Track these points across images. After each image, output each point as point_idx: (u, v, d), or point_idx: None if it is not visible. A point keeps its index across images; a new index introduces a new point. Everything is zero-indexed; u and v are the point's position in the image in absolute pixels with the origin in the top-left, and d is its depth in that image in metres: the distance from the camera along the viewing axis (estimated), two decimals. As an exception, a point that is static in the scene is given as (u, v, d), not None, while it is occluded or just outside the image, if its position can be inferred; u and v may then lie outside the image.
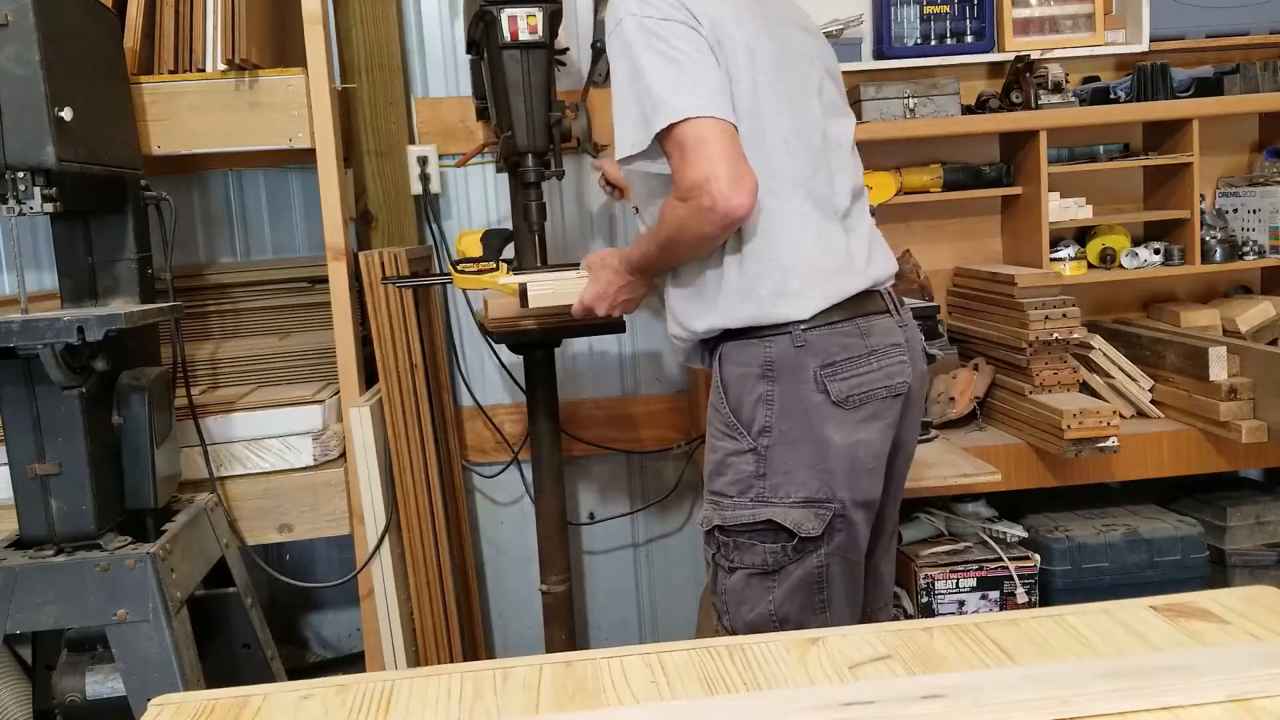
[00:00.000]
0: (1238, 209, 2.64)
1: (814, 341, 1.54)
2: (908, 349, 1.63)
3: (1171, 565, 2.28)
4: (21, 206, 1.70)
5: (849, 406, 1.54)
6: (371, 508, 2.26)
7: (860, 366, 1.55)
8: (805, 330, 1.54)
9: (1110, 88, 2.62)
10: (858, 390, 1.54)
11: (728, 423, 1.58)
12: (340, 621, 2.87)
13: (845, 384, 1.54)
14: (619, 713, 0.94)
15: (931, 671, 0.98)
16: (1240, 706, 0.88)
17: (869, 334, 1.58)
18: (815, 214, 1.57)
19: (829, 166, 1.61)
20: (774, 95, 1.54)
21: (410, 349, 2.30)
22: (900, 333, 1.63)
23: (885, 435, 1.59)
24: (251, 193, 2.71)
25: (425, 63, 2.69)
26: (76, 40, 1.82)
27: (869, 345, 1.57)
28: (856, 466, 1.55)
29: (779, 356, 1.54)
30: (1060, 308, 2.25)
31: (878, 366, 1.57)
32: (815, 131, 1.60)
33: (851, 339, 1.56)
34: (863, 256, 1.62)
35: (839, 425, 1.54)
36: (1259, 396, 2.23)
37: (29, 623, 1.80)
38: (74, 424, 1.78)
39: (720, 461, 1.59)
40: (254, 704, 1.00)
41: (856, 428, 1.55)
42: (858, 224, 1.65)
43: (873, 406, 1.56)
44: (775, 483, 1.54)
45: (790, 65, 1.58)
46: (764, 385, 1.55)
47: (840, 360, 1.54)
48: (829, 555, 1.55)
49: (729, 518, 1.57)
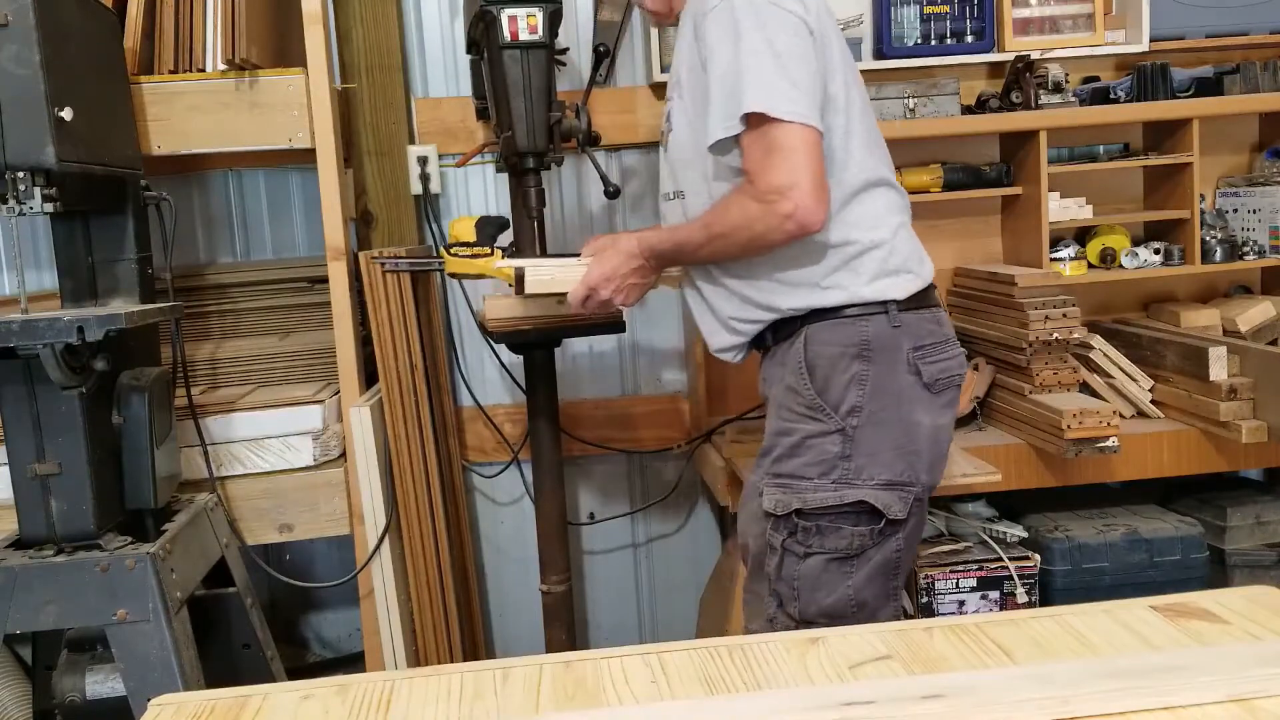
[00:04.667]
0: (1238, 209, 2.64)
1: (909, 323, 1.57)
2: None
3: (1171, 565, 2.28)
4: (21, 206, 1.70)
5: (935, 390, 1.58)
6: (371, 508, 2.26)
7: (944, 352, 1.61)
8: (901, 311, 1.57)
9: (1110, 88, 2.62)
10: (944, 375, 1.59)
11: (811, 404, 1.57)
12: (340, 621, 2.87)
13: (935, 367, 1.58)
14: (619, 713, 0.94)
15: (931, 671, 0.98)
16: (1240, 706, 0.88)
17: (943, 323, 1.64)
18: (899, 203, 1.64)
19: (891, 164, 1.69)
20: (858, 92, 1.61)
21: (410, 349, 2.30)
22: (950, 323, 1.70)
23: (954, 422, 1.66)
24: (251, 193, 2.71)
25: (425, 63, 2.69)
26: (76, 40, 1.82)
27: (945, 333, 1.63)
28: (938, 450, 1.60)
29: (875, 336, 1.56)
30: (1060, 308, 2.25)
31: (954, 354, 1.63)
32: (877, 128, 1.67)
33: (934, 325, 1.61)
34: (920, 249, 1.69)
35: (927, 408, 1.57)
36: (1259, 396, 2.23)
37: (29, 623, 1.80)
38: (74, 424, 1.78)
39: (796, 444, 1.58)
40: (254, 704, 1.00)
41: (940, 412, 1.59)
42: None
43: (951, 393, 1.61)
44: (860, 464, 1.54)
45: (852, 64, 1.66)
46: (859, 365, 1.55)
47: (929, 344, 1.59)
48: (906, 539, 1.58)
49: (811, 500, 1.55)
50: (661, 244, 1.66)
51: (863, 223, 1.58)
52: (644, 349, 2.81)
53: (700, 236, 1.57)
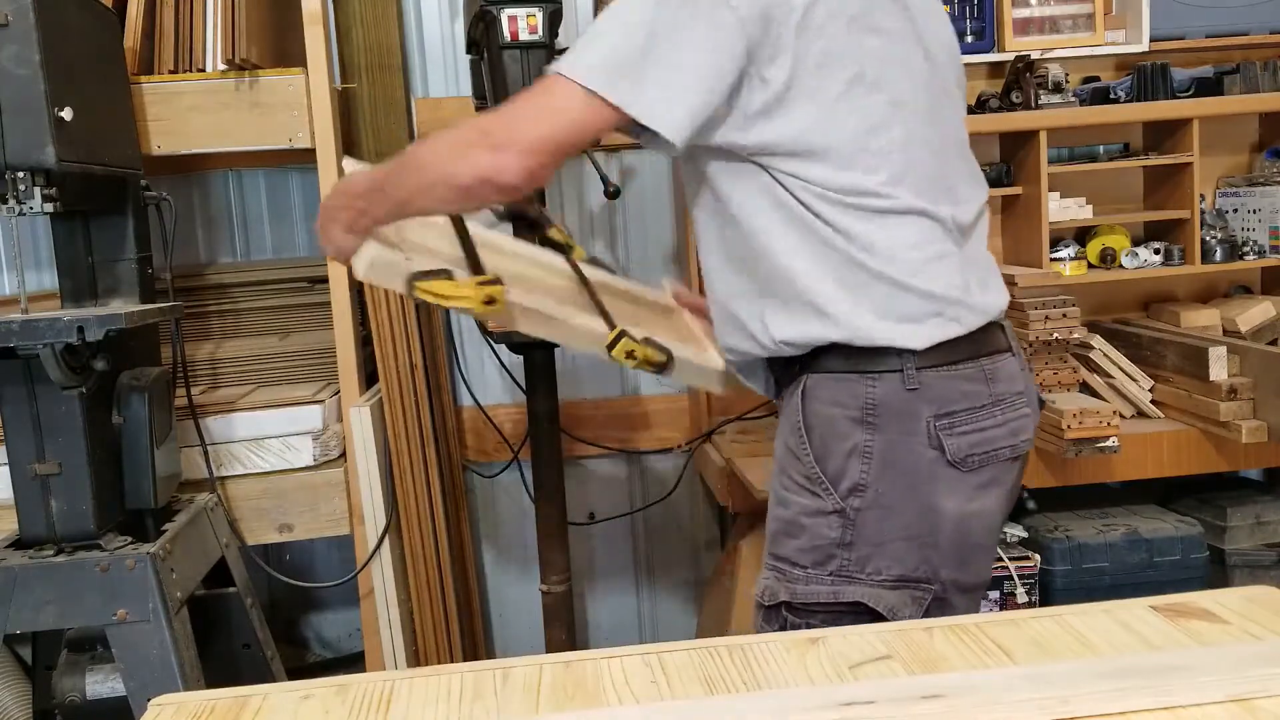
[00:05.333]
0: (1238, 209, 2.64)
1: (930, 384, 1.26)
2: (1030, 396, 1.35)
3: (1171, 565, 2.28)
4: (21, 206, 1.70)
5: (967, 468, 1.27)
6: (371, 508, 2.26)
7: (983, 419, 1.28)
8: (920, 370, 1.26)
9: (1110, 88, 2.62)
10: (979, 448, 1.28)
11: (809, 474, 1.29)
12: (340, 621, 2.87)
13: (965, 439, 1.27)
14: (619, 713, 0.94)
15: (931, 671, 0.98)
16: (1240, 706, 0.88)
17: (994, 379, 1.30)
18: (934, 228, 1.29)
19: (950, 172, 1.35)
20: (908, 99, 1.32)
21: (410, 349, 2.30)
22: (1023, 377, 1.35)
23: (1003, 505, 1.33)
24: (251, 193, 2.71)
25: (425, 63, 2.69)
26: (76, 40, 1.82)
27: (994, 393, 1.29)
28: (968, 542, 1.29)
29: (884, 399, 1.26)
30: (1060, 308, 2.25)
31: (1002, 420, 1.29)
32: (935, 129, 1.33)
33: (975, 384, 1.28)
34: (979, 282, 1.33)
35: (952, 490, 1.27)
36: (1259, 396, 2.22)
37: (29, 623, 1.80)
38: (74, 424, 1.78)
39: (791, 521, 1.31)
40: (254, 704, 1.00)
41: (973, 495, 1.28)
42: (978, 245, 1.39)
43: (993, 470, 1.29)
44: (864, 554, 1.27)
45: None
46: (862, 433, 1.26)
47: (960, 410, 1.27)
48: None
49: (800, 593, 1.29)
50: (365, 177, 1.38)
51: (876, 245, 1.26)
52: (644, 349, 2.81)
53: (396, 163, 1.31)
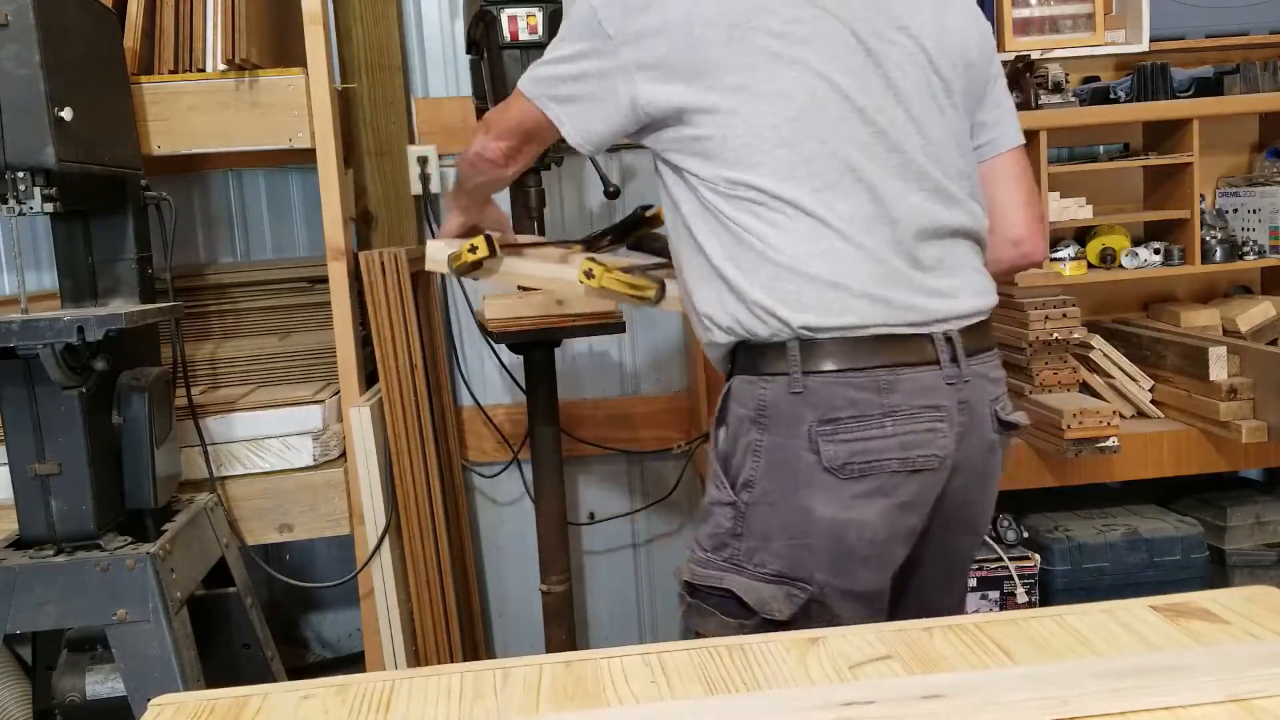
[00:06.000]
0: (1238, 209, 2.64)
1: (816, 390, 1.30)
2: (957, 414, 1.34)
3: (1171, 565, 2.28)
4: (21, 206, 1.70)
5: (845, 475, 1.29)
6: (371, 508, 2.26)
7: (869, 429, 1.29)
8: (807, 374, 1.30)
9: (1110, 87, 2.62)
10: (860, 457, 1.29)
11: (721, 464, 1.38)
12: (340, 621, 2.87)
13: (845, 447, 1.29)
14: (619, 713, 0.94)
15: (931, 671, 0.98)
16: (1240, 706, 0.88)
17: (892, 390, 1.30)
18: (820, 228, 1.32)
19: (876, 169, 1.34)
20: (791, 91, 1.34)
21: (410, 349, 2.30)
22: (948, 392, 1.33)
23: (891, 518, 1.32)
24: (251, 193, 2.71)
25: (425, 63, 2.69)
26: (76, 40, 1.82)
27: (888, 404, 1.30)
28: (844, 550, 1.31)
29: (773, 401, 1.32)
30: (1060, 308, 2.25)
31: (892, 431, 1.30)
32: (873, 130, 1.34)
33: (865, 394, 1.30)
34: (906, 287, 1.33)
35: (828, 496, 1.30)
36: (1259, 396, 2.23)
37: (29, 623, 1.80)
38: (74, 424, 1.78)
39: (706, 508, 1.40)
40: (254, 704, 1.00)
41: (849, 503, 1.30)
42: (928, 251, 1.36)
43: (878, 480, 1.30)
44: (751, 547, 1.33)
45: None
46: (755, 432, 1.33)
47: (845, 418, 1.29)
48: None
49: (698, 575, 1.37)
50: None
51: (767, 238, 1.32)
52: (644, 349, 2.81)
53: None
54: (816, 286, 1.30)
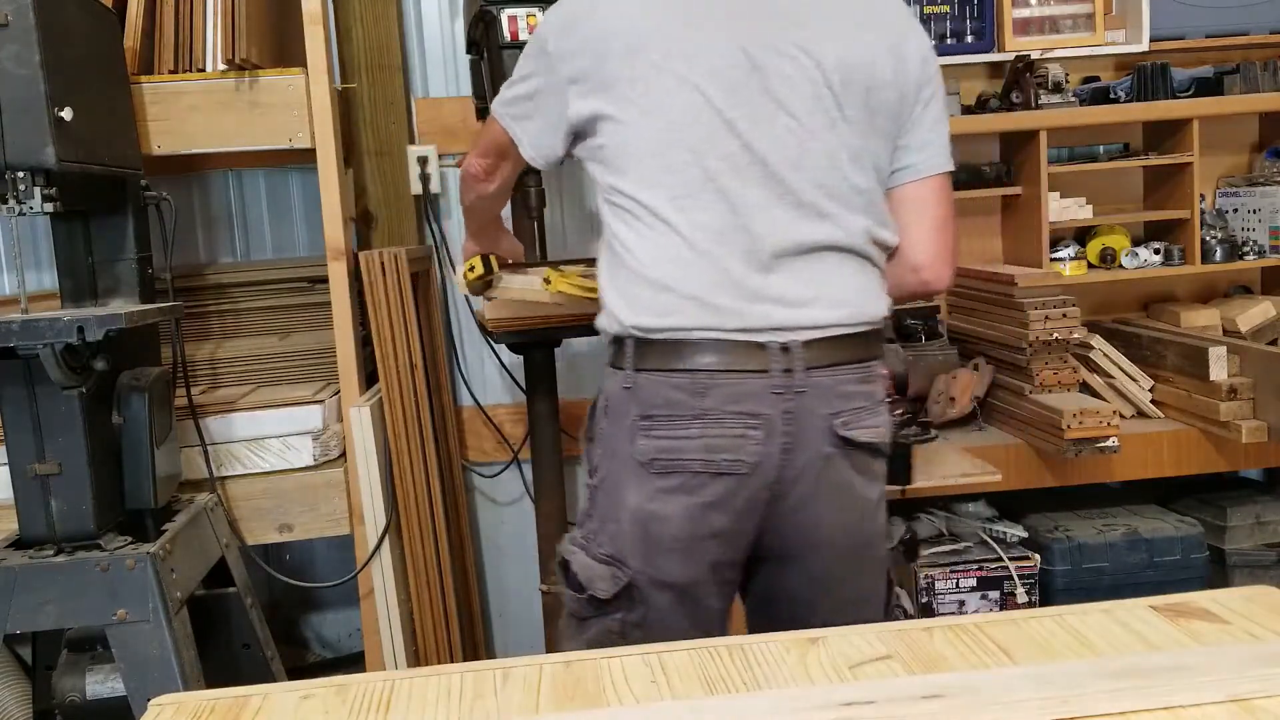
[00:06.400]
0: (1238, 209, 2.64)
1: (642, 386, 1.38)
2: (781, 423, 1.36)
3: (1171, 565, 2.28)
4: (21, 206, 1.69)
5: (653, 470, 1.37)
6: (371, 508, 2.26)
7: (679, 428, 1.36)
8: (637, 371, 1.39)
9: (1110, 87, 2.62)
10: (666, 454, 1.36)
11: (585, 451, 1.51)
12: (340, 621, 2.87)
13: (654, 443, 1.37)
14: (619, 713, 0.94)
15: (931, 671, 0.98)
16: (1240, 706, 0.88)
17: (706, 394, 1.35)
18: (673, 236, 1.38)
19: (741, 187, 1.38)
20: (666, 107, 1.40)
21: (410, 349, 2.30)
22: (772, 401, 1.36)
23: (694, 515, 1.37)
24: (251, 193, 2.71)
25: (425, 63, 2.69)
26: (76, 40, 1.82)
27: (700, 407, 1.35)
28: (648, 540, 1.38)
29: (612, 393, 1.43)
30: (1060, 308, 2.25)
31: (699, 433, 1.35)
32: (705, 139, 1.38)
33: (681, 394, 1.36)
34: (748, 297, 1.37)
35: (637, 487, 1.38)
36: (1259, 396, 2.23)
37: (29, 623, 1.80)
38: (74, 424, 1.78)
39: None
40: (254, 704, 1.00)
41: (653, 496, 1.37)
42: (789, 267, 1.39)
43: (680, 478, 1.36)
44: (595, 528, 1.44)
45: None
46: (602, 421, 1.45)
47: (660, 415, 1.37)
48: (630, 627, 1.40)
49: (564, 549, 1.48)
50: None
51: (628, 243, 1.41)
52: (644, 349, 2.80)
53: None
54: (652, 289, 1.38)
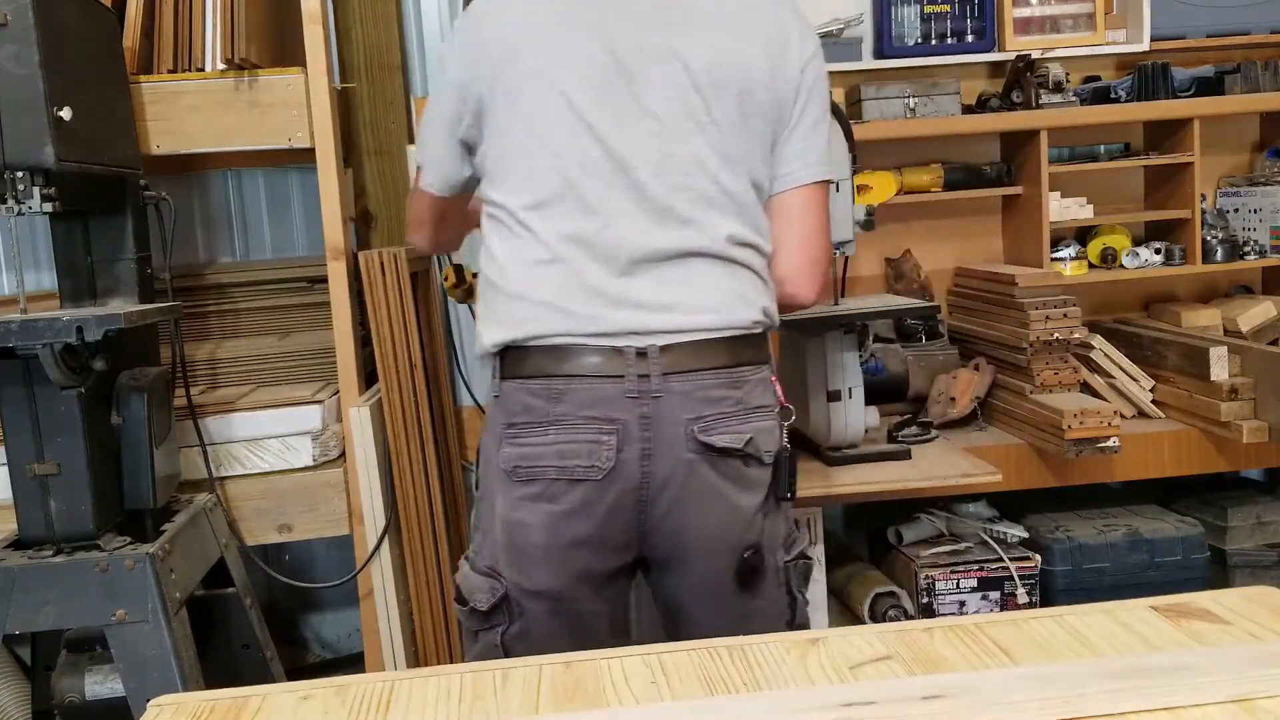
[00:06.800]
0: (1239, 208, 2.64)
1: (507, 394, 1.38)
2: (638, 428, 1.33)
3: (1172, 565, 2.28)
4: (21, 206, 1.69)
5: (515, 478, 1.36)
6: (371, 508, 2.26)
7: (535, 435, 1.35)
8: (503, 380, 1.38)
9: (1111, 87, 2.62)
10: (525, 462, 1.35)
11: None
12: (340, 622, 2.87)
13: (515, 451, 1.35)
14: (619, 713, 0.93)
15: (932, 672, 0.98)
16: (1241, 707, 0.88)
17: (561, 400, 1.34)
18: (534, 241, 1.36)
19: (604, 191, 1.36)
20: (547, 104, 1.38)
21: (410, 349, 2.30)
22: (628, 405, 1.33)
23: (555, 523, 1.35)
24: (251, 193, 2.71)
25: (425, 63, 2.69)
26: (76, 40, 1.82)
27: (554, 414, 1.34)
28: (516, 547, 1.37)
29: (488, 405, 1.43)
30: (1061, 307, 2.25)
31: (553, 440, 1.33)
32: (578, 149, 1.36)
33: (537, 400, 1.35)
34: (607, 303, 1.35)
35: (503, 496, 1.37)
36: (1260, 396, 2.22)
37: (28, 623, 1.80)
38: (73, 424, 1.78)
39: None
40: (253, 705, 1.00)
41: (515, 505, 1.36)
42: (668, 271, 1.37)
43: (539, 485, 1.35)
44: (480, 541, 1.43)
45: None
46: (483, 433, 1.45)
47: (520, 423, 1.36)
48: (510, 639, 1.38)
49: (461, 568, 1.46)
50: None
51: (496, 254, 1.40)
52: (644, 349, 2.80)
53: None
54: (510, 301, 1.37)
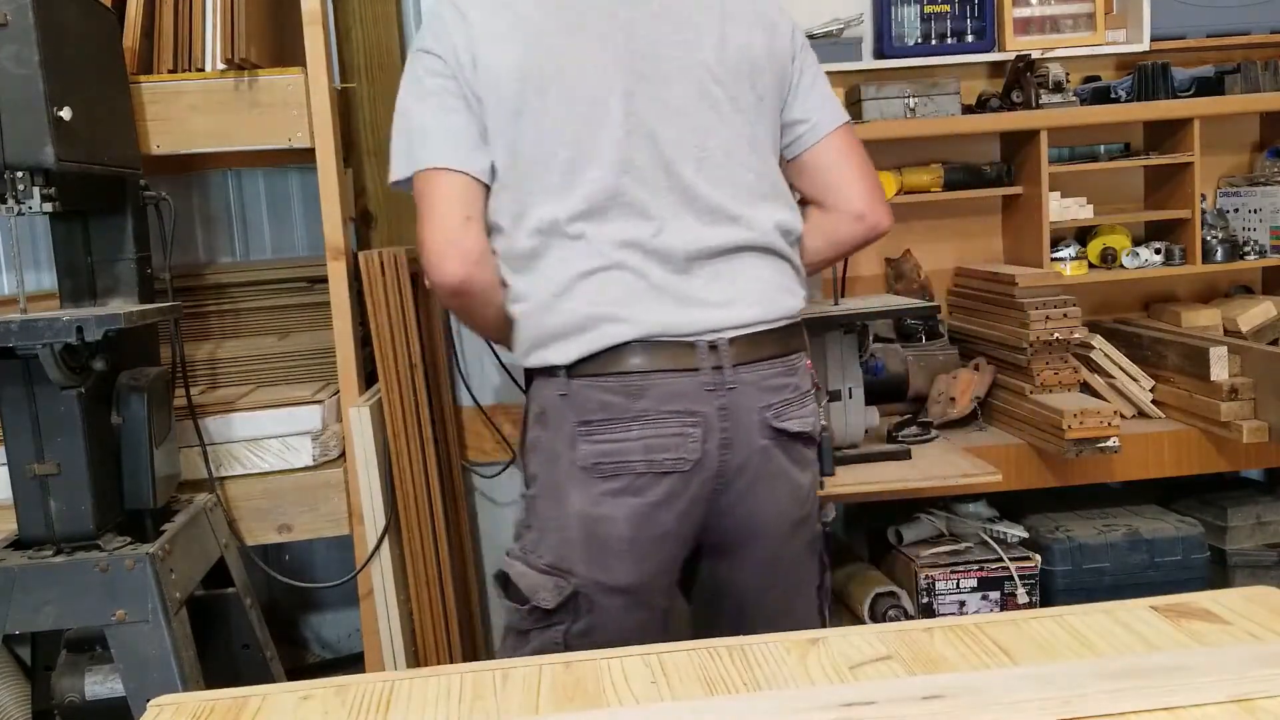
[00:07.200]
0: (1239, 209, 2.64)
1: (577, 392, 1.38)
2: (717, 419, 1.38)
3: (1172, 565, 2.28)
4: (21, 206, 1.69)
5: (597, 474, 1.37)
6: (371, 508, 2.26)
7: (617, 430, 1.36)
8: (571, 378, 1.38)
9: (1111, 87, 2.62)
10: (609, 458, 1.36)
11: (520, 461, 1.51)
12: (340, 622, 2.87)
13: (596, 447, 1.36)
14: (619, 713, 0.93)
15: (932, 672, 0.98)
16: (1241, 707, 0.88)
17: (640, 395, 1.36)
18: (583, 252, 1.38)
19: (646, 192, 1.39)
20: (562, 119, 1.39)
21: (410, 349, 2.30)
22: (707, 398, 1.38)
23: (641, 516, 1.37)
24: (251, 193, 2.71)
25: (425, 62, 2.68)
26: (76, 40, 1.82)
27: (636, 409, 1.36)
28: (598, 544, 1.37)
29: (548, 401, 1.41)
30: (1061, 307, 2.25)
31: (638, 435, 1.36)
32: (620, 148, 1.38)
33: (615, 397, 1.36)
34: (675, 301, 1.39)
35: (582, 492, 1.37)
36: (1260, 396, 2.22)
37: (28, 623, 1.80)
38: (73, 424, 1.78)
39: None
40: (253, 705, 1.00)
41: (599, 500, 1.36)
42: (700, 268, 1.41)
43: (627, 480, 1.36)
44: (534, 539, 1.43)
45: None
46: (537, 429, 1.44)
47: (597, 419, 1.36)
48: (574, 637, 1.38)
49: (504, 561, 1.45)
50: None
51: (518, 287, 1.42)
52: (644, 349, 2.80)
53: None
54: (568, 313, 1.38)
